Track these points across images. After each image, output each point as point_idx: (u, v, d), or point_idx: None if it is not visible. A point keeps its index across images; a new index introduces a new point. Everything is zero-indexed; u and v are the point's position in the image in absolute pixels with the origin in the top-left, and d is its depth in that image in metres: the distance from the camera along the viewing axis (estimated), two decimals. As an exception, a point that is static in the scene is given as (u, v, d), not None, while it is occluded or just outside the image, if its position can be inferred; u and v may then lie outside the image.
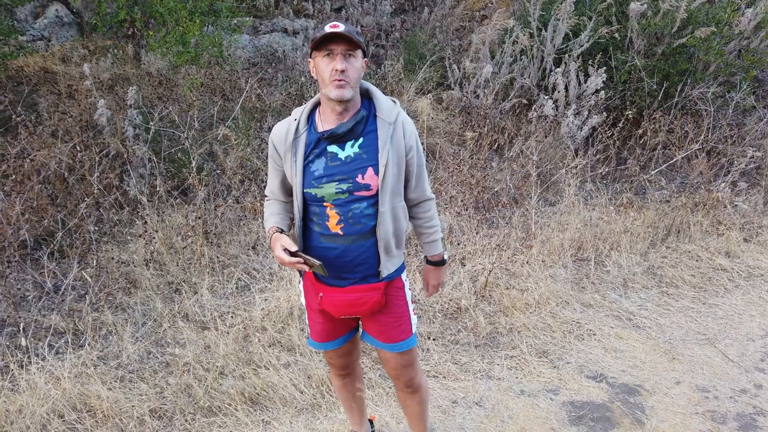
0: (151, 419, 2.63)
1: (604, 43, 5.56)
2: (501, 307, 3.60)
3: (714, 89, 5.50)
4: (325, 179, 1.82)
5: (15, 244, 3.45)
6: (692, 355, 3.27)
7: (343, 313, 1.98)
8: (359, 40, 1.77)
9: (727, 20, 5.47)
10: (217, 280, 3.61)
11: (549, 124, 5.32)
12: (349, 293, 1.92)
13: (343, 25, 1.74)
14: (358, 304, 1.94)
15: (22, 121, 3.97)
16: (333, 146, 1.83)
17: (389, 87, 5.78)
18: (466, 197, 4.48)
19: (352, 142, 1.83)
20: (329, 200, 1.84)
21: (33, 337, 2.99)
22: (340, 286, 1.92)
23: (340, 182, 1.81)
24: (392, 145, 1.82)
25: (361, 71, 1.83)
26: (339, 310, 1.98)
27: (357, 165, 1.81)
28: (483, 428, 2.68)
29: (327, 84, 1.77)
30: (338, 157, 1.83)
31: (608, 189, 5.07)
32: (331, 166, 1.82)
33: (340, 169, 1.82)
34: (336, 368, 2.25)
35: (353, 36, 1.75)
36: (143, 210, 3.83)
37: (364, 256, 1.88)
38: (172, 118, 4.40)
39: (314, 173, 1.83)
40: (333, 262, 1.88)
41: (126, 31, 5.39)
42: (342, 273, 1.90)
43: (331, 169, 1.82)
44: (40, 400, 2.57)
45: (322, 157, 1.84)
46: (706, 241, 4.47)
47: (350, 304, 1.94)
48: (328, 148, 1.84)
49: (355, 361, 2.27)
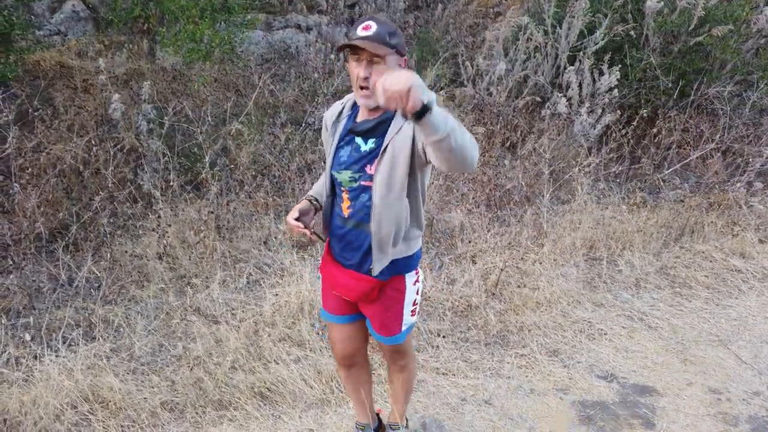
0: (162, 411, 2.66)
1: (619, 41, 5.50)
2: (512, 305, 3.59)
3: (730, 88, 5.42)
4: (344, 166, 1.91)
5: (31, 237, 3.49)
6: (705, 356, 3.24)
7: (335, 290, 2.08)
8: (390, 44, 1.72)
9: (744, 18, 5.40)
10: (229, 275, 3.63)
11: (562, 122, 5.29)
12: (344, 274, 2.02)
13: (375, 26, 1.72)
14: (347, 288, 2.02)
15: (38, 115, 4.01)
16: (359, 138, 1.90)
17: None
18: (478, 195, 4.46)
19: (373, 139, 1.87)
20: (345, 186, 1.94)
21: (47, 329, 3.03)
22: (342, 264, 2.03)
23: (354, 171, 1.90)
24: (397, 135, 1.80)
25: None
26: (333, 285, 2.08)
27: (370, 157, 1.87)
28: (492, 426, 2.68)
29: (355, 87, 1.80)
30: (360, 149, 1.89)
31: (621, 188, 5.03)
32: (354, 156, 1.90)
33: (358, 159, 1.89)
34: (339, 356, 2.24)
35: (379, 43, 1.70)
36: (156, 204, 3.85)
37: (361, 243, 1.96)
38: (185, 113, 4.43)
39: (340, 158, 1.94)
40: (339, 240, 2.02)
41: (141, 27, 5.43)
42: (344, 253, 2.01)
43: (352, 158, 1.91)
44: (53, 392, 2.60)
45: (349, 146, 1.92)
46: (720, 242, 4.42)
47: (342, 285, 2.04)
48: (355, 139, 1.91)
49: (358, 351, 2.25)
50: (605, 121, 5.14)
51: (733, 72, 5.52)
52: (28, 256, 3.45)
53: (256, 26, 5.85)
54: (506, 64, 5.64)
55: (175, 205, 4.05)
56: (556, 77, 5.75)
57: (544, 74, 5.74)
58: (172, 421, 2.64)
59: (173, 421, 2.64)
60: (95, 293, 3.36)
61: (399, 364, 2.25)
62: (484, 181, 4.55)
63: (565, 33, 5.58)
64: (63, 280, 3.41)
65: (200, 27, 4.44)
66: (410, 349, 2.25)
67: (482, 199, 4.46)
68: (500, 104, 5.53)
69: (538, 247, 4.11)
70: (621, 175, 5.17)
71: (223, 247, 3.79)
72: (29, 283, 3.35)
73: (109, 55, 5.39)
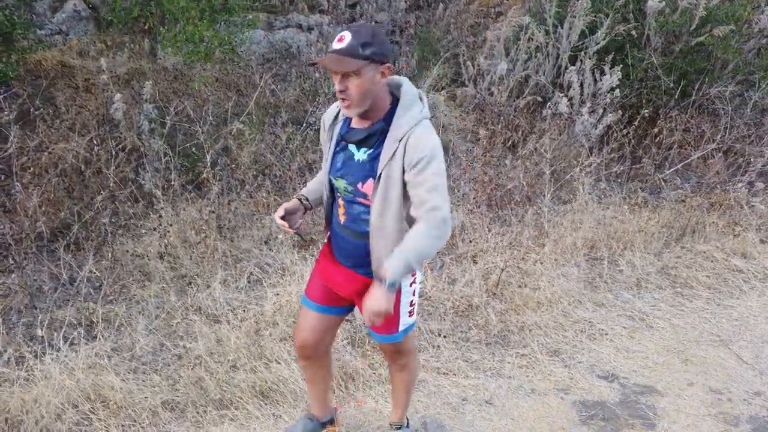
0: (163, 411, 2.66)
1: (621, 41, 5.50)
2: (512, 305, 3.59)
3: (732, 88, 5.42)
4: (340, 173, 1.91)
5: (32, 236, 3.49)
6: (706, 356, 3.24)
7: (328, 284, 2.12)
8: (363, 56, 1.68)
9: (746, 18, 5.39)
10: (230, 274, 3.63)
11: (563, 122, 5.28)
12: (339, 271, 2.07)
13: (349, 38, 1.69)
14: (339, 284, 2.07)
15: (40, 115, 4.01)
16: (352, 145, 1.89)
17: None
18: (479, 195, 4.46)
19: (365, 149, 1.86)
20: (341, 193, 1.95)
21: (48, 328, 3.03)
22: (339, 262, 2.08)
23: (348, 183, 1.89)
24: (392, 161, 1.78)
25: (370, 85, 1.74)
26: (326, 279, 2.12)
27: (363, 172, 1.85)
28: (493, 426, 2.68)
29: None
30: (354, 158, 1.88)
31: (622, 188, 5.03)
32: (347, 164, 1.90)
33: (352, 169, 1.88)
34: (299, 343, 2.20)
35: (350, 57, 1.68)
36: (158, 204, 3.85)
37: (356, 252, 1.98)
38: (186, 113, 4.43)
39: (336, 164, 1.94)
40: (336, 241, 2.07)
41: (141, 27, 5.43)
42: (339, 254, 2.06)
43: (346, 167, 1.90)
44: (54, 390, 2.61)
45: (343, 153, 1.92)
46: (721, 242, 4.42)
47: (335, 281, 2.08)
48: (348, 146, 1.90)
49: (320, 344, 2.21)
50: (606, 121, 5.14)
51: (735, 72, 5.51)
52: (29, 256, 3.45)
53: (257, 26, 5.85)
54: (507, 63, 5.64)
55: (177, 205, 4.05)
56: (558, 77, 5.74)
57: (545, 74, 5.74)
58: (173, 421, 2.64)
59: (174, 421, 2.64)
60: (96, 292, 3.37)
61: (399, 363, 2.25)
62: (485, 180, 4.55)
63: (567, 33, 5.58)
64: (64, 280, 3.42)
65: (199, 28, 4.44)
66: (411, 349, 2.25)
67: (483, 199, 4.45)
68: (501, 104, 5.53)
69: (539, 247, 4.11)
70: (622, 175, 5.16)
71: (224, 246, 3.80)
72: (30, 282, 3.35)
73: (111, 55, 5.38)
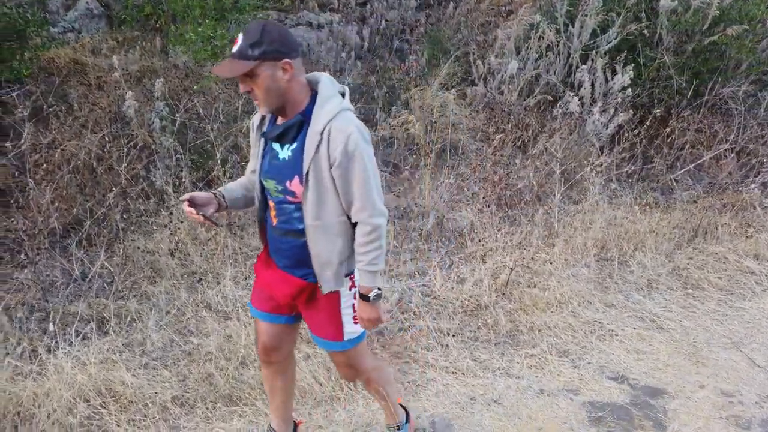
0: (173, 406, 2.68)
1: (633, 40, 5.46)
2: (522, 305, 3.58)
3: (745, 88, 5.37)
4: (268, 174, 1.88)
5: (45, 232, 3.53)
6: (717, 358, 3.22)
7: (263, 287, 2.07)
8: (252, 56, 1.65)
9: (760, 17, 5.34)
10: (240, 271, 3.65)
11: (574, 121, 5.25)
12: (275, 274, 2.00)
13: (240, 41, 1.68)
14: (270, 285, 2.02)
15: (53, 112, 4.05)
16: (275, 144, 1.87)
17: (413, 82, 5.76)
18: (489, 194, 4.45)
19: (288, 145, 1.83)
20: (272, 195, 1.92)
21: (60, 323, 3.06)
22: (276, 264, 2.01)
23: (276, 182, 1.86)
24: (317, 156, 1.75)
25: (271, 83, 1.71)
26: (261, 281, 2.09)
27: (288, 170, 1.82)
28: (501, 426, 2.67)
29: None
30: (278, 156, 1.86)
31: (633, 188, 5.00)
32: (273, 164, 1.87)
33: (277, 168, 1.86)
34: (260, 348, 2.15)
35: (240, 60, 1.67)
36: (169, 201, 3.88)
37: (291, 252, 1.93)
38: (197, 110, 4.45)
39: (264, 166, 1.91)
40: (272, 244, 2.00)
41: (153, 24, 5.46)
42: (277, 256, 2.00)
43: (272, 167, 1.88)
44: (66, 385, 2.63)
45: (269, 154, 1.89)
46: (734, 243, 4.38)
47: (268, 283, 2.04)
48: (272, 145, 1.88)
49: (282, 348, 2.17)
50: (617, 121, 5.10)
51: (748, 72, 5.46)
52: (41, 251, 3.48)
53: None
54: (518, 62, 5.61)
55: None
56: (568, 76, 5.71)
57: (555, 73, 5.71)
58: (182, 416, 2.66)
59: (184, 416, 2.66)
60: (108, 288, 3.40)
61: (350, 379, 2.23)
62: (495, 180, 4.54)
63: (578, 31, 5.55)
64: (76, 275, 3.45)
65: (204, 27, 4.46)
66: (367, 367, 2.14)
67: (493, 198, 4.44)
68: (511, 103, 5.51)
69: (549, 247, 4.09)
70: (633, 175, 5.13)
71: (234, 243, 3.81)
72: (43, 277, 3.38)
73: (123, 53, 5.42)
